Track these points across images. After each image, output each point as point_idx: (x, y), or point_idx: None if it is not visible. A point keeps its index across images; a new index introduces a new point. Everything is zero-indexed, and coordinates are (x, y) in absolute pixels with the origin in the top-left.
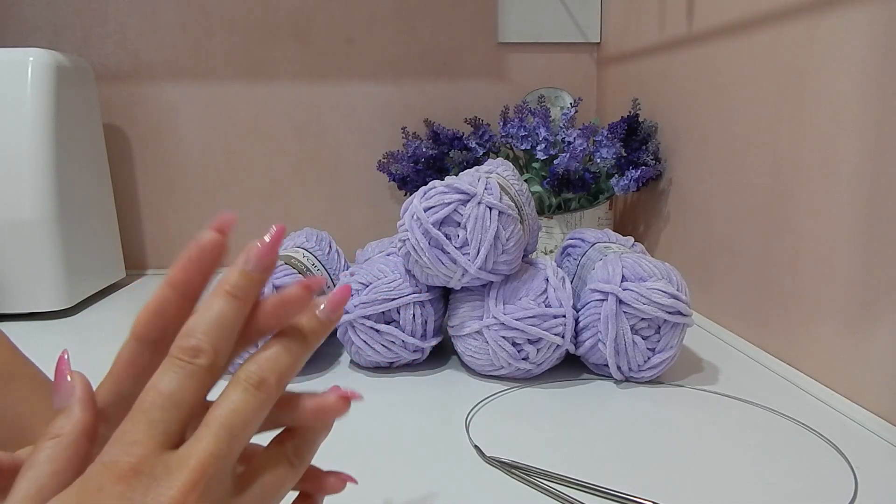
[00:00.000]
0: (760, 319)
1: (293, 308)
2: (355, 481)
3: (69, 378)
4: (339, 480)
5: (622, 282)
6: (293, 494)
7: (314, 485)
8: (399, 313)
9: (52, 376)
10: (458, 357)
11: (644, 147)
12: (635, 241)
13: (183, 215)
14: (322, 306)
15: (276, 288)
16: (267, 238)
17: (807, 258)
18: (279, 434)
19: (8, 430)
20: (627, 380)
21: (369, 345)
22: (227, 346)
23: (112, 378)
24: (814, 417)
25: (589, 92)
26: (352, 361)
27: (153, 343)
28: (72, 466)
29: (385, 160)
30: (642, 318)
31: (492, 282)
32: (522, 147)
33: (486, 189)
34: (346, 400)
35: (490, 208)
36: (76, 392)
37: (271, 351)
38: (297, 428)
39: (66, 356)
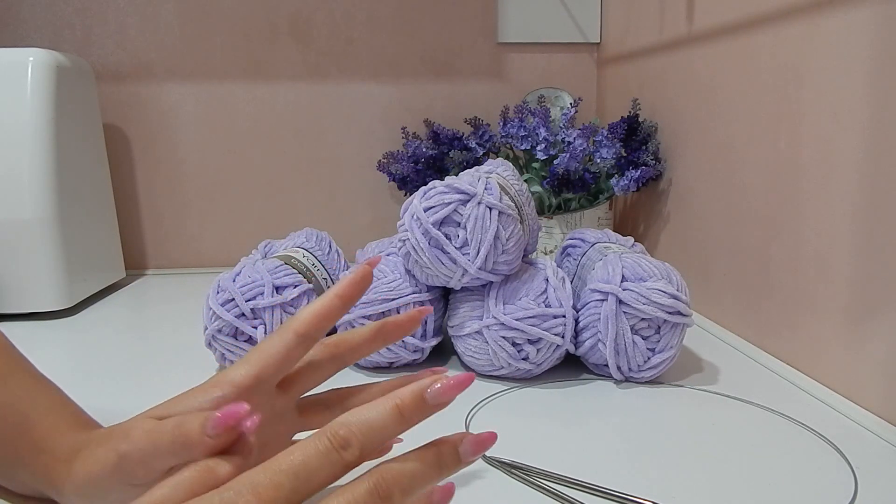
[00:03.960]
0: (760, 319)
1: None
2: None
3: (242, 431)
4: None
5: (622, 282)
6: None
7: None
8: (399, 313)
9: (51, 377)
10: (458, 357)
11: (644, 147)
12: (635, 241)
13: (183, 215)
14: (464, 446)
15: (277, 288)
16: (452, 380)
17: (807, 258)
18: None
19: (9, 428)
20: (627, 380)
21: None
22: (372, 450)
23: (255, 365)
24: (814, 417)
25: (589, 92)
26: None
27: (309, 340)
28: (200, 493)
29: (385, 160)
30: (642, 318)
31: (492, 282)
32: (522, 147)
33: (486, 189)
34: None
35: (490, 208)
36: (244, 444)
37: (408, 468)
38: None
39: (245, 410)
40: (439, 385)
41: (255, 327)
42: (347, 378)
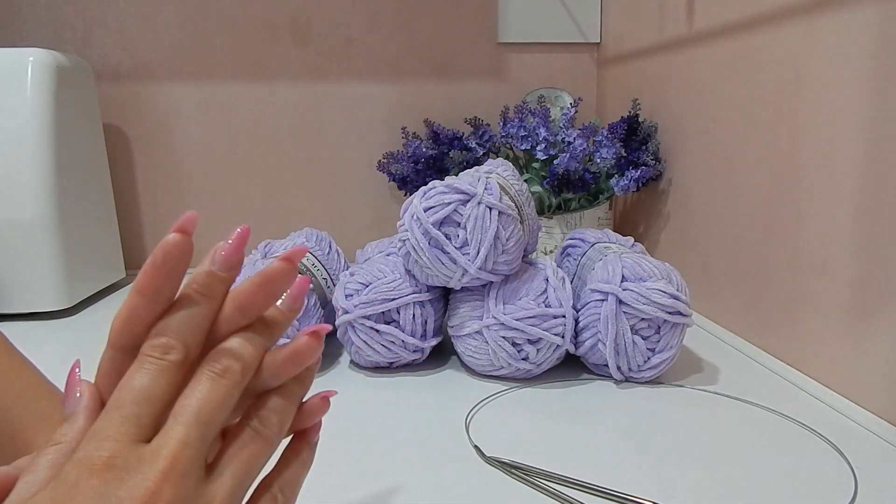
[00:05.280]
0: (760, 319)
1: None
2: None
3: (78, 389)
4: (322, 401)
5: (622, 282)
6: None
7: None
8: (399, 313)
9: (53, 379)
10: (458, 357)
11: (644, 147)
12: (635, 241)
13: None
14: (283, 299)
15: None
16: (231, 238)
17: (807, 258)
18: (265, 478)
19: (0, 434)
20: (627, 380)
21: (369, 345)
22: (196, 342)
23: (91, 385)
24: (814, 417)
25: (589, 92)
26: (352, 361)
27: (131, 350)
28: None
29: (385, 160)
30: (642, 319)
31: (492, 282)
32: (522, 147)
33: (486, 189)
34: (317, 336)
35: (490, 208)
36: (82, 402)
37: (234, 342)
38: (280, 467)
39: (77, 368)
40: (223, 252)
41: None
42: (346, 378)
